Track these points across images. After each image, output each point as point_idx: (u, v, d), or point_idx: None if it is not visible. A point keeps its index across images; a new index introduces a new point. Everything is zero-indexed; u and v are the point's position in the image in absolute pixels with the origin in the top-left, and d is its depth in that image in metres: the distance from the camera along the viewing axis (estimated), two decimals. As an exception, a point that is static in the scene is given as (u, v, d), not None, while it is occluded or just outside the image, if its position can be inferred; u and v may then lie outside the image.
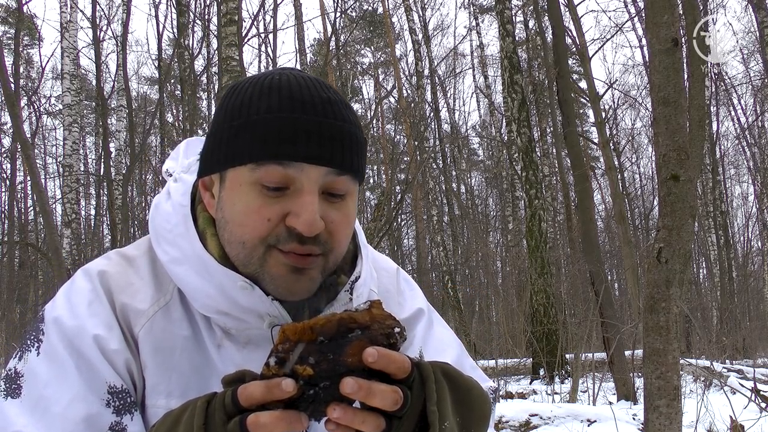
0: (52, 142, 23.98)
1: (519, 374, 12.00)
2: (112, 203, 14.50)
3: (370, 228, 11.18)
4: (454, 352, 1.02)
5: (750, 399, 6.39)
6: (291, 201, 0.81)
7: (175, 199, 0.91)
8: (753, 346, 15.12)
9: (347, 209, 0.85)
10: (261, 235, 0.81)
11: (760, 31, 14.47)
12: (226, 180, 0.84)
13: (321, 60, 18.89)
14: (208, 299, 0.85)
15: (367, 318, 0.67)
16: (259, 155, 0.80)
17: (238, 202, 0.82)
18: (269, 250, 0.82)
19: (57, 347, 0.83)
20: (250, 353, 0.87)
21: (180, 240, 0.87)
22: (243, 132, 0.81)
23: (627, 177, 24.06)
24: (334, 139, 0.80)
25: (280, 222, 0.81)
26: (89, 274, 0.89)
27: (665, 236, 2.79)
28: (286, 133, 0.79)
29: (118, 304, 0.86)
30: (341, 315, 0.66)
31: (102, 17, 16.96)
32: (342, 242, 0.86)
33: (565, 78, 9.46)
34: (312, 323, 0.66)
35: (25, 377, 0.82)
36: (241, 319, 0.85)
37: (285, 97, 0.81)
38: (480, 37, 23.07)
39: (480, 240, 22.08)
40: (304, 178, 0.80)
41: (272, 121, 0.80)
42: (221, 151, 0.83)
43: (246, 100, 0.82)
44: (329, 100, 0.82)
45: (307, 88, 0.82)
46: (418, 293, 1.08)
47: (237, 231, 0.83)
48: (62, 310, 0.85)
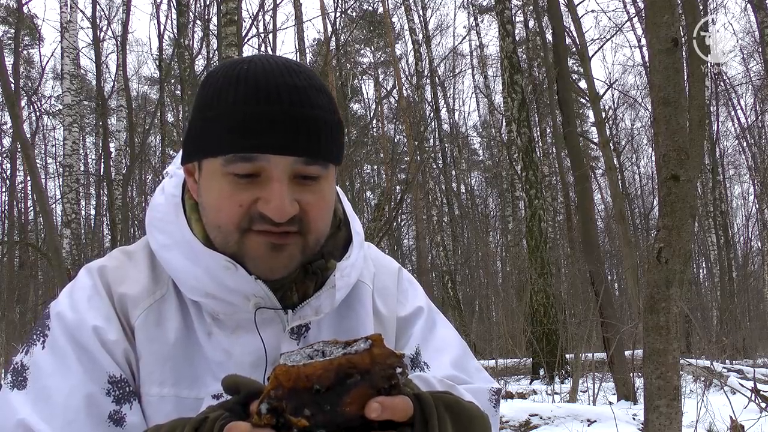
0: (52, 142, 24.00)
1: (519, 374, 12.01)
2: (112, 203, 14.51)
3: (370, 228, 11.19)
4: (455, 352, 1.02)
5: (750, 399, 6.40)
6: (261, 188, 0.83)
7: (167, 191, 0.95)
8: (753, 346, 15.12)
9: (322, 191, 0.86)
10: (234, 220, 0.84)
11: (760, 31, 14.48)
12: (203, 169, 0.87)
13: (321, 60, 18.90)
14: (196, 281, 0.87)
15: (367, 361, 0.63)
16: (227, 149, 0.82)
17: (213, 190, 0.85)
18: (245, 233, 0.85)
19: (59, 340, 0.86)
20: (239, 339, 0.89)
21: (170, 227, 0.91)
22: (212, 125, 0.83)
23: (627, 177, 24.08)
24: (300, 128, 0.81)
25: (252, 206, 0.83)
26: (90, 271, 0.93)
27: (665, 236, 2.80)
28: (252, 125, 0.81)
29: (116, 295, 0.90)
30: (339, 361, 0.62)
31: (102, 17, 16.98)
32: (319, 222, 0.87)
33: (565, 78, 9.46)
34: (308, 371, 0.62)
35: (30, 370, 0.85)
36: (228, 302, 0.87)
37: (251, 87, 0.82)
38: (480, 37, 23.08)
39: (480, 240, 22.08)
40: (273, 167, 0.82)
41: (238, 113, 0.81)
42: (195, 142, 0.86)
43: (216, 92, 0.84)
44: (296, 86, 0.83)
45: (273, 76, 0.83)
46: (420, 293, 1.07)
47: (213, 216, 0.86)
48: (64, 305, 0.89)
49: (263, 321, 0.89)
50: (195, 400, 0.88)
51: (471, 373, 1.01)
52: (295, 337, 0.91)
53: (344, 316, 0.96)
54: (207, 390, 0.88)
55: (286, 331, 0.90)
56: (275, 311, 0.89)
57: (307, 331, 0.93)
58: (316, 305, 0.91)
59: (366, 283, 1.00)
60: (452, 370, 0.98)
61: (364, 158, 22.00)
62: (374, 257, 1.06)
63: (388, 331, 1.00)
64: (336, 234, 0.97)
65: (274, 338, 0.90)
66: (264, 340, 0.89)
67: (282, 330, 0.90)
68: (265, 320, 0.89)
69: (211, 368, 0.89)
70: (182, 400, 0.88)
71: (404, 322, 1.02)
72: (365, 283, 1.00)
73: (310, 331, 0.93)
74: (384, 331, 0.99)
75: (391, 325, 1.01)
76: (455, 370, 0.99)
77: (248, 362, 0.89)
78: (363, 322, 0.97)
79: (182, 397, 0.88)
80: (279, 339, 0.90)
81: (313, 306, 0.91)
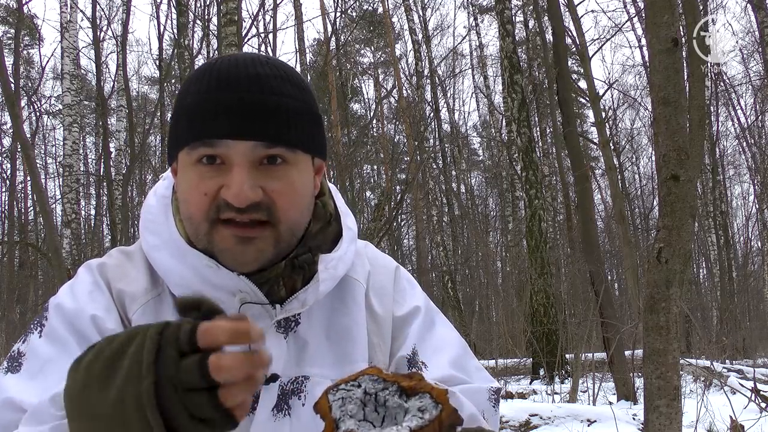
0: (52, 142, 24.00)
1: (519, 374, 12.01)
2: (112, 203, 14.51)
3: (370, 228, 11.18)
4: (454, 352, 1.01)
5: (750, 399, 6.40)
6: (224, 175, 0.84)
7: (158, 192, 0.97)
8: (753, 346, 15.13)
9: (290, 177, 0.86)
10: (202, 209, 0.85)
11: (759, 31, 14.48)
12: (178, 163, 0.89)
13: (321, 60, 18.90)
14: (183, 280, 0.88)
15: (437, 428, 0.60)
16: (190, 138, 0.84)
17: (183, 182, 0.87)
18: (214, 225, 0.85)
19: (58, 329, 0.87)
20: None
21: (160, 227, 0.92)
22: (179, 117, 0.86)
23: (627, 177, 24.08)
24: (258, 113, 0.82)
25: (217, 195, 0.84)
26: (90, 268, 0.94)
27: (665, 236, 2.80)
28: (208, 112, 0.82)
29: (115, 290, 0.91)
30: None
31: (102, 17, 16.98)
32: (289, 211, 0.87)
33: (565, 78, 9.46)
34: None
35: (26, 356, 0.86)
36: (215, 299, 0.87)
37: (213, 78, 0.84)
38: (480, 37, 23.07)
39: (480, 240, 22.08)
40: (232, 153, 0.83)
41: (197, 103, 0.83)
42: (170, 138, 0.89)
43: (185, 88, 0.87)
44: (257, 75, 0.84)
45: (236, 67, 0.84)
46: (419, 292, 1.07)
47: (184, 208, 0.88)
48: (64, 297, 0.91)
49: (250, 316, 0.89)
50: None
51: (471, 373, 1.00)
52: (282, 330, 0.91)
53: (336, 311, 0.96)
54: None
55: (272, 325, 0.90)
56: (263, 306, 0.89)
57: (297, 326, 0.93)
58: (303, 299, 0.91)
59: (359, 281, 0.99)
60: (451, 370, 0.97)
61: (364, 158, 21.99)
62: (372, 256, 1.05)
63: (384, 330, 0.99)
64: (326, 228, 0.96)
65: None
66: None
67: (270, 324, 0.90)
68: (252, 316, 0.89)
69: None
70: None
71: (401, 322, 1.01)
72: (358, 280, 0.99)
73: (300, 326, 0.93)
74: (379, 330, 0.99)
75: (387, 324, 1.00)
76: (454, 369, 0.98)
77: None
78: (356, 318, 0.97)
79: None
80: (266, 333, 0.90)
81: (301, 300, 0.91)
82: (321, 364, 0.92)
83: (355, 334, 0.95)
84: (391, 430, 0.60)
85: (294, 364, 0.91)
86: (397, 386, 0.63)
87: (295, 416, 0.90)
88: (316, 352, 0.93)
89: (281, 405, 0.90)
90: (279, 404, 0.90)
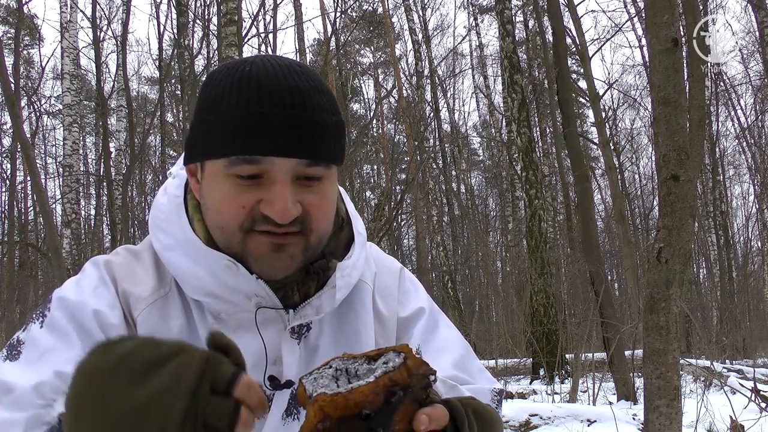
0: (52, 142, 24.00)
1: (519, 374, 12.01)
2: (112, 203, 14.51)
3: (370, 228, 11.18)
4: (457, 353, 1.01)
5: (750, 399, 6.40)
6: (264, 189, 0.83)
7: (170, 191, 0.96)
8: (753, 346, 15.13)
9: (324, 191, 0.87)
10: (237, 221, 0.85)
11: (759, 31, 14.47)
12: (205, 170, 0.87)
13: (321, 60, 18.89)
14: (198, 281, 0.88)
15: (405, 375, 0.62)
16: (230, 151, 0.82)
17: (215, 191, 0.86)
18: (248, 234, 0.85)
19: (60, 320, 0.86)
20: (239, 338, 0.88)
21: (172, 227, 0.91)
22: (215, 127, 0.84)
23: (627, 177, 24.08)
24: (303, 130, 0.82)
25: (254, 208, 0.84)
26: (97, 264, 0.94)
27: (665, 236, 2.80)
28: (254, 128, 0.81)
29: (121, 289, 0.91)
30: (383, 381, 0.61)
31: (102, 17, 16.97)
32: (321, 222, 0.87)
33: (565, 78, 9.46)
34: (355, 397, 0.60)
35: (25, 344, 0.85)
36: (230, 302, 0.88)
37: (253, 89, 0.82)
38: (480, 37, 23.07)
39: (480, 240, 22.08)
40: (276, 170, 0.82)
41: (240, 115, 0.81)
42: (198, 143, 0.87)
43: (218, 93, 0.84)
44: (298, 88, 0.83)
45: (275, 78, 0.83)
46: (422, 293, 1.07)
47: (215, 217, 0.87)
48: (68, 289, 0.90)
49: (264, 321, 0.89)
50: None
51: (473, 374, 1.00)
52: (295, 336, 0.92)
53: (345, 315, 0.96)
54: None
55: (287, 330, 0.90)
56: (276, 311, 0.89)
57: (308, 331, 0.93)
58: (317, 305, 0.91)
59: (367, 283, 1.00)
60: (453, 371, 0.98)
61: (364, 158, 21.99)
62: (376, 257, 1.06)
63: (389, 331, 1.00)
64: (338, 234, 0.97)
65: (274, 338, 0.90)
66: (264, 339, 0.89)
67: (283, 329, 0.90)
68: (266, 320, 0.89)
69: None
70: None
71: (405, 323, 1.02)
72: (366, 282, 0.99)
73: (311, 331, 0.93)
74: (384, 332, 0.99)
75: (391, 325, 1.01)
76: (457, 370, 0.98)
77: (249, 362, 0.88)
78: (364, 321, 0.97)
79: None
80: (279, 338, 0.90)
81: (314, 306, 0.91)
82: None
83: (363, 337, 0.96)
84: (359, 382, 0.62)
85: (304, 369, 0.91)
86: (365, 357, 0.65)
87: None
88: (325, 356, 0.93)
89: (291, 410, 0.91)
90: (289, 409, 0.90)
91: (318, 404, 0.60)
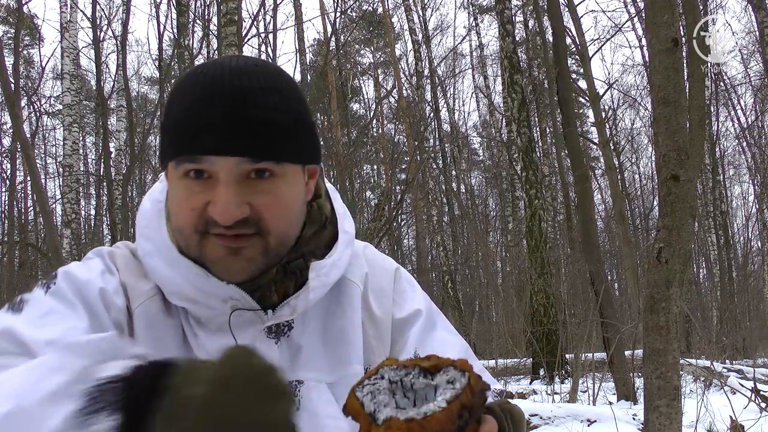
0: (52, 142, 24.00)
1: (519, 374, 12.01)
2: (112, 203, 14.51)
3: (370, 228, 11.17)
4: (456, 354, 1.01)
5: (750, 399, 6.40)
6: (211, 190, 0.83)
7: (153, 196, 0.96)
8: (753, 346, 15.13)
9: (276, 191, 0.85)
10: (190, 223, 0.85)
11: (760, 31, 14.47)
12: (168, 173, 0.89)
13: (321, 60, 18.90)
14: (176, 287, 0.88)
15: (470, 396, 0.61)
16: (175, 153, 0.84)
17: (172, 194, 0.88)
18: (204, 237, 0.85)
19: (66, 292, 0.86)
20: (218, 341, 0.89)
21: (153, 233, 0.92)
22: (167, 130, 0.86)
23: (627, 177, 24.07)
24: (241, 128, 0.81)
25: (204, 210, 0.84)
26: (101, 254, 0.95)
27: (665, 236, 2.80)
28: (193, 128, 0.82)
29: (122, 280, 0.91)
30: (455, 407, 0.59)
31: (102, 17, 16.96)
32: (276, 222, 0.86)
33: (565, 78, 9.47)
34: (433, 426, 0.58)
35: (30, 302, 0.84)
36: (208, 306, 0.88)
37: (198, 92, 0.83)
38: (480, 37, 23.08)
39: (480, 240, 22.08)
40: (218, 170, 0.82)
41: (183, 118, 0.83)
42: (160, 147, 0.89)
43: (171, 97, 0.87)
44: (241, 88, 0.83)
45: (221, 79, 0.83)
46: (419, 294, 1.06)
47: (174, 220, 0.89)
48: (76, 267, 0.91)
49: (242, 322, 0.89)
50: None
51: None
52: (272, 336, 0.91)
53: (332, 314, 0.96)
54: None
55: (262, 331, 0.90)
56: (254, 312, 0.89)
57: (290, 330, 0.93)
58: (293, 305, 0.91)
59: (355, 283, 0.99)
60: None
61: (364, 158, 21.99)
62: (371, 258, 1.05)
63: (383, 332, 0.99)
64: (320, 232, 0.96)
65: (251, 338, 0.90)
66: (238, 340, 0.89)
67: (260, 330, 0.90)
68: (244, 321, 0.89)
69: None
70: None
71: (401, 324, 1.01)
72: (354, 282, 0.99)
73: (293, 330, 0.93)
74: (378, 333, 0.98)
75: (386, 326, 1.00)
76: None
77: None
78: (351, 320, 0.96)
79: None
80: (255, 339, 0.90)
81: (291, 306, 0.91)
82: (315, 367, 0.92)
83: (351, 336, 0.95)
84: (429, 406, 0.60)
85: (287, 369, 0.91)
86: (419, 368, 0.63)
87: None
88: (310, 356, 0.93)
89: None
90: None
91: (391, 431, 0.58)
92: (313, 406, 0.90)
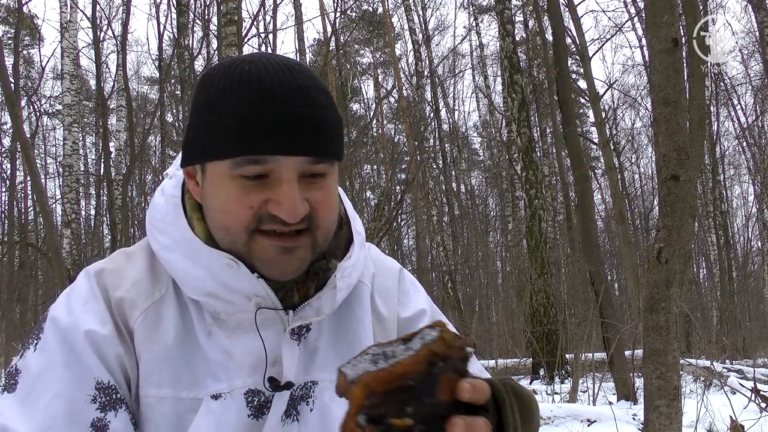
0: (52, 142, 23.99)
1: (519, 374, 11.99)
2: (112, 203, 14.51)
3: (370, 228, 11.17)
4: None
5: (750, 399, 6.39)
6: (271, 189, 0.83)
7: (167, 191, 0.95)
8: (753, 346, 15.12)
9: (329, 188, 0.87)
10: (244, 222, 0.84)
11: (759, 31, 14.47)
12: (207, 171, 0.87)
13: (321, 60, 18.88)
14: (197, 281, 0.87)
15: (443, 346, 0.63)
16: (235, 152, 0.82)
17: (220, 193, 0.85)
18: (253, 235, 0.85)
19: (51, 343, 0.86)
20: (239, 339, 0.89)
21: (170, 227, 0.91)
22: (217, 128, 0.83)
23: (627, 177, 24.06)
24: (307, 128, 0.82)
25: (261, 208, 0.84)
26: (88, 275, 0.93)
27: (665, 236, 2.79)
28: (259, 127, 0.81)
29: (114, 300, 0.89)
30: (423, 352, 0.62)
31: (102, 17, 16.97)
32: (326, 219, 0.88)
33: (565, 78, 9.47)
34: (398, 370, 0.61)
35: (22, 373, 0.86)
36: (229, 301, 0.88)
37: (255, 89, 0.82)
38: (480, 37, 23.07)
39: (480, 240, 22.07)
40: (282, 169, 0.82)
41: (243, 115, 0.81)
42: (198, 144, 0.86)
43: (218, 94, 0.84)
44: (299, 87, 0.83)
45: (276, 77, 0.83)
46: (423, 295, 1.07)
47: (220, 218, 0.86)
48: (60, 308, 0.89)
49: (264, 321, 0.89)
50: (194, 400, 0.87)
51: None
52: (295, 337, 0.91)
53: (343, 317, 0.96)
54: (206, 390, 0.88)
55: (287, 332, 0.90)
56: (276, 311, 0.89)
57: (308, 332, 0.93)
58: (317, 306, 0.91)
59: (365, 283, 0.99)
60: None
61: (364, 158, 21.99)
62: (375, 258, 1.06)
63: (389, 332, 1.00)
64: (338, 233, 0.96)
65: (274, 339, 0.89)
66: (264, 340, 0.88)
67: (282, 330, 0.90)
68: (265, 320, 0.89)
69: (211, 368, 0.88)
70: (181, 400, 0.87)
71: (407, 324, 1.01)
72: (364, 283, 0.99)
73: (310, 333, 0.93)
74: (384, 332, 0.99)
75: (391, 326, 1.01)
76: None
77: (248, 363, 0.89)
78: (362, 322, 0.97)
79: (181, 397, 0.87)
80: (279, 339, 0.90)
81: (314, 306, 0.91)
82: (329, 369, 0.92)
83: (362, 337, 0.96)
84: (399, 347, 0.63)
85: (303, 370, 0.91)
86: (400, 340, 0.66)
87: (302, 422, 0.90)
88: (324, 357, 0.93)
89: (290, 411, 0.90)
90: (288, 410, 0.90)
91: (363, 382, 0.61)
92: (326, 406, 0.91)
